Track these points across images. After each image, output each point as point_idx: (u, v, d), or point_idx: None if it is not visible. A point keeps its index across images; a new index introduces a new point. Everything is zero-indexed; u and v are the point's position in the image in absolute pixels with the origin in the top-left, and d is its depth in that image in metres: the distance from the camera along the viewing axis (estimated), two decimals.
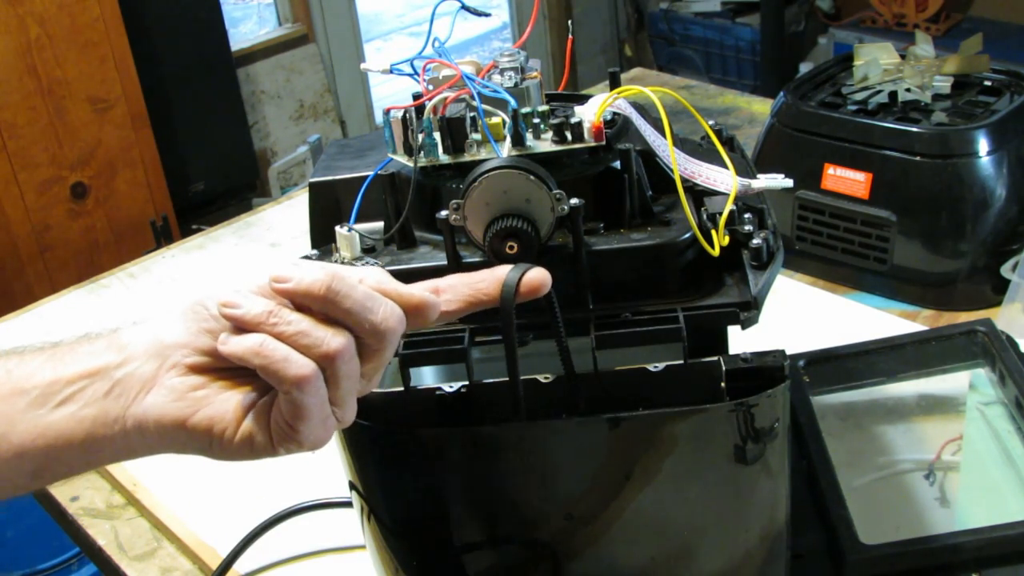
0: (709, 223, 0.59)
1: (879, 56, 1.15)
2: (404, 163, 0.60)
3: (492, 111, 0.59)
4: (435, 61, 0.61)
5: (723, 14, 3.46)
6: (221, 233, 1.40)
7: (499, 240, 0.55)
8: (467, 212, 0.56)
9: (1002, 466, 0.76)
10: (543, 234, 0.56)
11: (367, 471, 0.64)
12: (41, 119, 2.20)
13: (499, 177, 0.55)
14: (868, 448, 0.82)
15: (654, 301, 0.57)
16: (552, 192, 0.55)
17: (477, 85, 0.58)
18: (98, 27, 2.23)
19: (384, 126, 0.60)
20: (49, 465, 0.51)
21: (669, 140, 0.59)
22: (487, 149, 0.59)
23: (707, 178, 0.61)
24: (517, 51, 0.63)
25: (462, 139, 0.59)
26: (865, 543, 0.68)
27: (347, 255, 0.60)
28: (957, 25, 3.05)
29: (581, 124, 0.58)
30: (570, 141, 0.58)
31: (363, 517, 0.67)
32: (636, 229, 0.59)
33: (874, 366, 0.85)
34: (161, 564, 0.85)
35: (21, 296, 2.14)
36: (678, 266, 0.58)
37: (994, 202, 1.01)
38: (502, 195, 0.55)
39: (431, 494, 0.62)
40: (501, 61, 0.63)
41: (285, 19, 3.07)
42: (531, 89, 0.61)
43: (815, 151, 1.08)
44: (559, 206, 0.55)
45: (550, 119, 0.59)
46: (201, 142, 2.63)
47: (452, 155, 0.59)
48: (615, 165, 0.59)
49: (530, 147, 0.59)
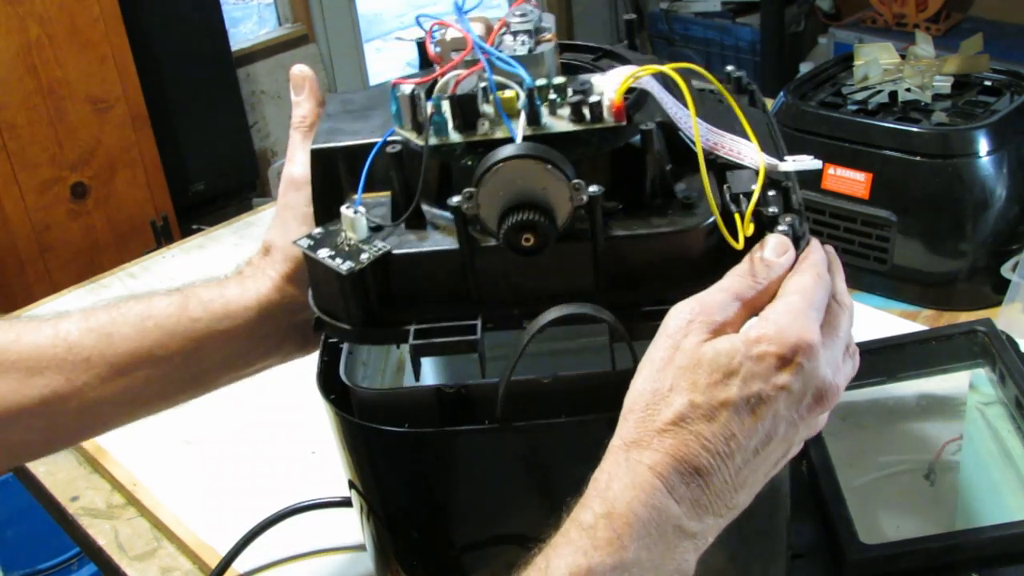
0: (732, 204, 0.55)
1: (879, 56, 1.15)
2: (412, 139, 0.57)
3: (505, 83, 0.56)
4: (440, 22, 0.58)
5: (723, 14, 3.45)
6: (221, 233, 1.40)
7: (514, 232, 0.52)
8: (480, 201, 0.53)
9: (1002, 466, 0.76)
10: (560, 223, 0.53)
11: (366, 470, 0.64)
12: (41, 119, 2.20)
13: (514, 167, 0.52)
14: (868, 448, 0.82)
15: (675, 288, 0.54)
16: (571, 182, 0.52)
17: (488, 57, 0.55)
18: (98, 27, 2.23)
19: (391, 100, 0.57)
20: None
21: (693, 116, 0.55)
22: (501, 126, 0.55)
23: (731, 150, 0.57)
24: (529, 8, 0.59)
25: (474, 116, 0.56)
26: (865, 543, 0.68)
27: (353, 236, 0.57)
28: (957, 25, 3.05)
29: (600, 104, 0.55)
30: (589, 120, 0.55)
31: (363, 516, 0.67)
32: (656, 212, 0.55)
33: (874, 366, 0.85)
34: (161, 564, 0.85)
35: (21, 296, 2.15)
36: (701, 252, 0.55)
37: (994, 202, 1.01)
38: (517, 184, 0.52)
39: (431, 493, 0.62)
40: (512, 21, 0.59)
41: (285, 19, 3.07)
42: (546, 55, 0.58)
43: (815, 151, 1.06)
44: (577, 196, 0.52)
45: (567, 95, 0.56)
46: (201, 142, 2.64)
47: (463, 133, 0.56)
48: (635, 141, 0.55)
49: (546, 125, 0.55)
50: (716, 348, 0.49)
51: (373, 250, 0.55)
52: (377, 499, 0.65)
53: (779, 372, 0.48)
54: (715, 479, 0.48)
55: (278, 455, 0.93)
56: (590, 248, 0.54)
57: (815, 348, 0.49)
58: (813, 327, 0.49)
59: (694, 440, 0.47)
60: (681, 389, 0.48)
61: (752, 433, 0.48)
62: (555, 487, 0.52)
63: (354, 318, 0.56)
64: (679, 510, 0.47)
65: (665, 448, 0.47)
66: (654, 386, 0.49)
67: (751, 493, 0.50)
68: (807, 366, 0.49)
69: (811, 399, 0.49)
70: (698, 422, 0.48)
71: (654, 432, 0.48)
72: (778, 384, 0.48)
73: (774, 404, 0.48)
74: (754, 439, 0.48)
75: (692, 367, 0.48)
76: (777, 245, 0.52)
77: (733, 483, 0.48)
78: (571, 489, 0.50)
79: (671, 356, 0.49)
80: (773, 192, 0.56)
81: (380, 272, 0.56)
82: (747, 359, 0.48)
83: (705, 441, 0.47)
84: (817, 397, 0.50)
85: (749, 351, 0.48)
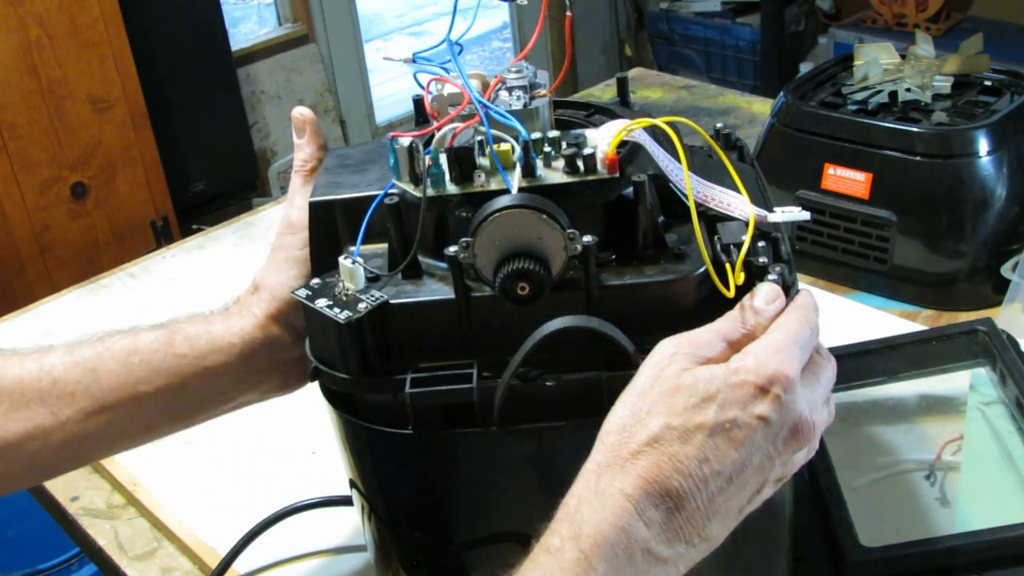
0: (723, 255, 0.56)
1: (879, 56, 1.15)
2: (410, 191, 0.59)
3: (501, 136, 0.57)
4: (440, 79, 0.59)
5: (723, 14, 3.46)
6: (221, 233, 1.40)
7: (510, 281, 0.54)
8: (477, 251, 0.54)
9: (1003, 466, 0.76)
10: (555, 272, 0.54)
11: (368, 470, 0.64)
12: (41, 119, 2.20)
13: (510, 217, 0.53)
14: (868, 448, 0.82)
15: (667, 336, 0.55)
16: (565, 232, 0.53)
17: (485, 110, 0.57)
18: (98, 27, 2.23)
19: (389, 153, 0.59)
20: None
21: (685, 170, 0.57)
22: (496, 178, 0.57)
23: (721, 202, 0.59)
24: (524, 65, 0.62)
25: (470, 168, 0.57)
26: (865, 545, 0.68)
27: (351, 287, 0.58)
28: (957, 25, 3.05)
29: (594, 156, 0.57)
30: (583, 172, 0.57)
31: (364, 516, 0.67)
32: (648, 262, 0.57)
33: (874, 366, 0.85)
34: (161, 564, 0.85)
35: (21, 296, 2.15)
36: (692, 301, 0.56)
37: (994, 202, 1.01)
38: (513, 234, 0.54)
39: (431, 494, 0.62)
40: (508, 77, 0.61)
41: (285, 19, 3.07)
42: (541, 109, 0.60)
43: (815, 151, 1.08)
44: (572, 245, 0.53)
45: (562, 148, 0.57)
46: (201, 142, 2.64)
47: (460, 185, 0.58)
48: (627, 193, 0.57)
49: (541, 177, 0.57)
50: (696, 375, 0.50)
51: (371, 300, 0.56)
52: (379, 499, 0.65)
53: (756, 401, 0.49)
54: (687, 503, 0.48)
55: (278, 455, 0.93)
56: (583, 297, 0.55)
57: (793, 382, 0.50)
58: (793, 363, 0.50)
59: (667, 462, 0.48)
60: (659, 412, 0.49)
61: (727, 459, 0.48)
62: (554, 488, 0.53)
63: (351, 367, 0.57)
64: (648, 533, 0.47)
65: (637, 470, 0.48)
66: (632, 410, 0.50)
67: (725, 525, 0.50)
68: (784, 398, 0.50)
69: (787, 432, 0.50)
70: (673, 443, 0.48)
71: (628, 455, 0.48)
72: (755, 413, 0.49)
73: (750, 432, 0.49)
74: (729, 466, 0.48)
75: (671, 392, 0.49)
76: (768, 293, 0.54)
77: (706, 510, 0.48)
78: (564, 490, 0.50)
79: (652, 383, 0.50)
80: (763, 243, 0.57)
81: (377, 322, 0.57)
82: (725, 386, 0.49)
83: (679, 463, 0.48)
84: (793, 431, 0.50)
85: (728, 379, 0.49)
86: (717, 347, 0.52)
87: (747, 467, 0.49)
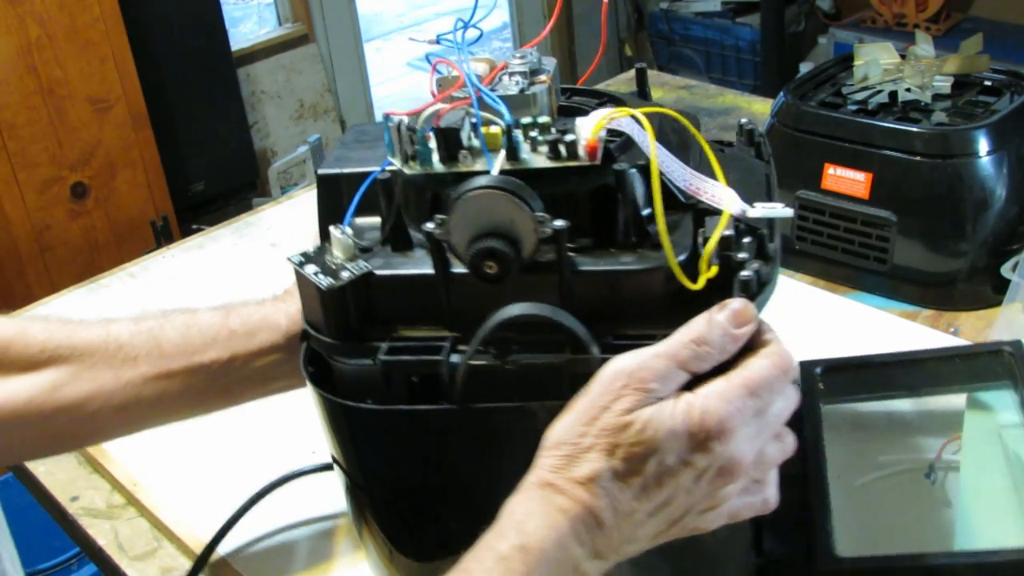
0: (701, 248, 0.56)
1: (879, 56, 1.15)
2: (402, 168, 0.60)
3: (491, 119, 0.58)
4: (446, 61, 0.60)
5: (723, 14, 3.46)
6: (221, 233, 1.40)
7: (479, 259, 0.55)
8: (451, 227, 0.56)
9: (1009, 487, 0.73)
10: (526, 254, 0.56)
11: (342, 442, 0.65)
12: (41, 119, 2.20)
13: (481, 197, 0.55)
14: (868, 448, 0.81)
15: (639, 325, 0.56)
16: (535, 214, 0.55)
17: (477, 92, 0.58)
18: (98, 27, 2.23)
19: (384, 130, 0.60)
20: None
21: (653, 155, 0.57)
22: (482, 160, 0.58)
23: (711, 195, 0.59)
24: (530, 52, 0.62)
25: (456, 148, 0.59)
26: (839, 555, 0.66)
27: (340, 256, 0.60)
28: (957, 25, 3.05)
29: (576, 143, 0.57)
30: (564, 158, 0.58)
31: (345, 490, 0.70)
32: (626, 250, 0.58)
33: (893, 379, 0.82)
34: (161, 564, 0.85)
35: (21, 296, 2.15)
36: (665, 291, 0.56)
37: (994, 202, 1.01)
38: (485, 213, 0.55)
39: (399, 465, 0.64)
40: (512, 63, 0.62)
41: (285, 19, 3.07)
42: (538, 95, 0.60)
43: (815, 151, 1.08)
44: (541, 228, 0.55)
45: (549, 133, 0.58)
46: (201, 142, 2.63)
47: (446, 164, 0.59)
48: (611, 182, 0.58)
49: (524, 160, 0.58)
50: (642, 419, 0.51)
51: (355, 269, 0.59)
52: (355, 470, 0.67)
53: (692, 452, 0.51)
54: (613, 533, 0.52)
55: (279, 456, 0.93)
56: (556, 280, 0.56)
57: (733, 433, 0.52)
58: (742, 416, 0.52)
59: (604, 497, 0.52)
60: (600, 450, 0.52)
61: (655, 499, 0.53)
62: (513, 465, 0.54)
63: (334, 332, 0.60)
64: (581, 552, 0.52)
65: (578, 497, 0.52)
66: (576, 438, 0.53)
67: (640, 547, 0.55)
68: (718, 448, 0.51)
69: (714, 473, 0.52)
70: (611, 484, 0.52)
71: (570, 481, 0.52)
72: (686, 460, 0.52)
73: (678, 476, 0.52)
74: (653, 504, 0.53)
75: (615, 431, 0.52)
76: (737, 314, 0.53)
77: (627, 537, 0.53)
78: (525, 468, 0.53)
79: (599, 413, 0.52)
80: (748, 239, 0.57)
81: (361, 291, 0.59)
82: (669, 436, 0.51)
83: (614, 501, 0.52)
84: (721, 472, 0.52)
85: (674, 428, 0.51)
86: (671, 382, 0.53)
87: (669, 504, 0.53)
